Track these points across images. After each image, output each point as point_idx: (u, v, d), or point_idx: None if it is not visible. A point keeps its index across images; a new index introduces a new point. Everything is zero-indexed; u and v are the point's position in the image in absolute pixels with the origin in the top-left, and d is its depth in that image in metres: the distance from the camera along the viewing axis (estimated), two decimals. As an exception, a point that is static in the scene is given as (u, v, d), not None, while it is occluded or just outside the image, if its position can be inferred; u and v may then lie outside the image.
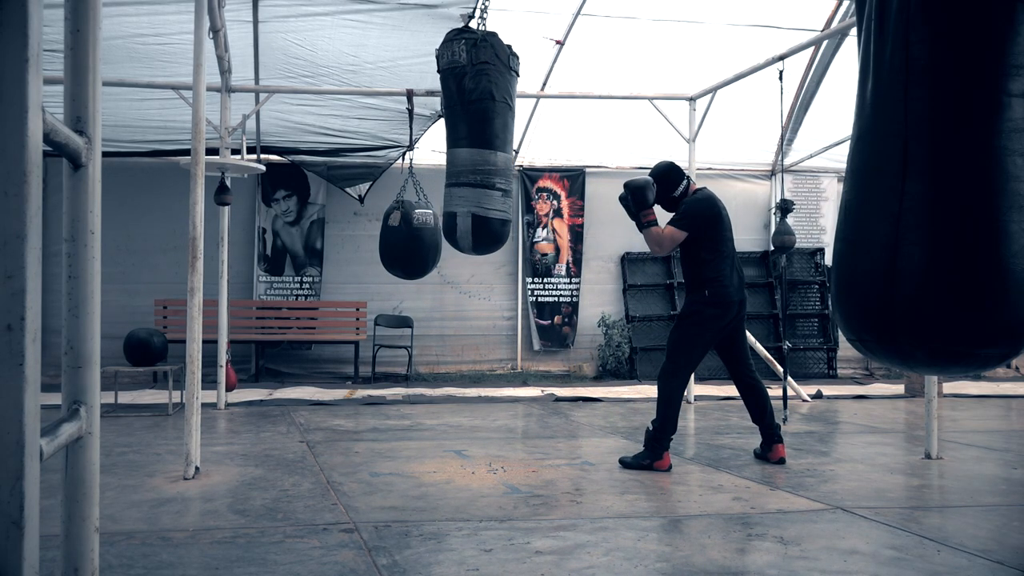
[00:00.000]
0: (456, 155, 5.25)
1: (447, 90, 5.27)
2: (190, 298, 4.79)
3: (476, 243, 5.31)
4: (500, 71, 5.16)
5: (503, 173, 5.26)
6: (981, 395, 9.14)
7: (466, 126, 5.19)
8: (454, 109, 5.24)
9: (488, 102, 5.12)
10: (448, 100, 5.29)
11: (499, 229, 5.31)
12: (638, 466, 5.02)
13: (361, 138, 9.79)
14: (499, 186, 5.22)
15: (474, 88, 5.11)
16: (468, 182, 5.17)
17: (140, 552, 3.33)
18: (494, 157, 5.19)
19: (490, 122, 5.16)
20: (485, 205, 5.19)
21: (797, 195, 11.23)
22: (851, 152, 2.36)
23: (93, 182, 1.34)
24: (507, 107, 5.24)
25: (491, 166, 5.19)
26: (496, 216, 5.25)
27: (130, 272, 9.88)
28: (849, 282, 2.31)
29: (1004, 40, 2.10)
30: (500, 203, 5.25)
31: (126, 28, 7.21)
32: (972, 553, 3.38)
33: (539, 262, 10.84)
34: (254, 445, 5.85)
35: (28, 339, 0.95)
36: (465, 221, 5.20)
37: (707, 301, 5.10)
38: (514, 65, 5.30)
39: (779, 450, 5.26)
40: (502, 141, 5.24)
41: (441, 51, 5.30)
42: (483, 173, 5.17)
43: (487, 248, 5.45)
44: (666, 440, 5.05)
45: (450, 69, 5.20)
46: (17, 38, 0.95)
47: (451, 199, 5.26)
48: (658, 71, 9.24)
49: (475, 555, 3.32)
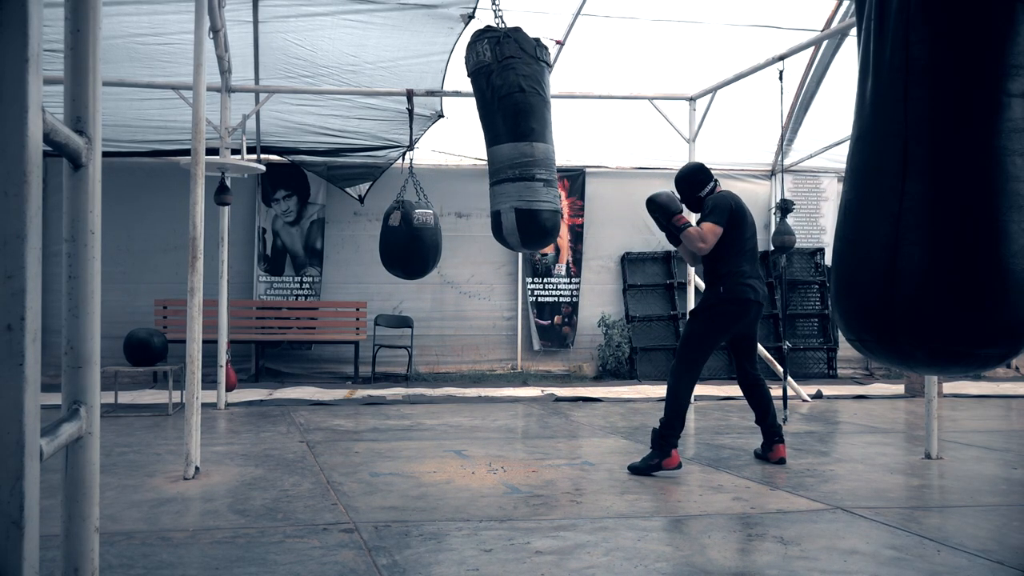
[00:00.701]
0: (494, 153, 5.15)
1: (478, 91, 5.20)
2: (190, 298, 4.79)
3: (525, 238, 5.16)
4: (527, 62, 5.06)
5: (543, 163, 5.09)
6: (981, 395, 9.14)
7: (500, 122, 5.09)
8: (487, 108, 5.16)
9: (517, 95, 5.02)
10: (481, 100, 5.22)
11: (548, 220, 5.12)
12: (648, 468, 4.91)
13: (361, 138, 9.79)
14: (539, 176, 5.06)
15: (502, 84, 5.04)
16: (508, 177, 5.05)
17: (140, 552, 3.33)
18: (530, 148, 5.04)
19: (522, 114, 5.04)
20: (527, 198, 5.04)
21: (797, 195, 11.23)
22: (851, 152, 2.36)
23: (93, 182, 1.34)
24: (539, 97, 5.10)
25: (528, 158, 5.03)
26: (541, 207, 5.07)
27: (130, 272, 9.88)
28: (849, 282, 2.31)
29: (1004, 40, 2.10)
30: (544, 194, 5.07)
31: (126, 28, 7.21)
32: (972, 553, 3.38)
33: (539, 262, 10.84)
34: (254, 445, 5.85)
35: (28, 339, 0.95)
36: (509, 217, 5.07)
37: (723, 298, 5.07)
38: (542, 55, 5.18)
39: (779, 450, 5.24)
40: (538, 132, 5.08)
41: (467, 54, 5.24)
42: (521, 166, 5.03)
43: (538, 242, 5.30)
44: (673, 438, 4.96)
45: (478, 70, 5.15)
46: (17, 38, 0.95)
47: (494, 198, 5.16)
48: (658, 71, 9.24)
49: (475, 555, 3.32)
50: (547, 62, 5.26)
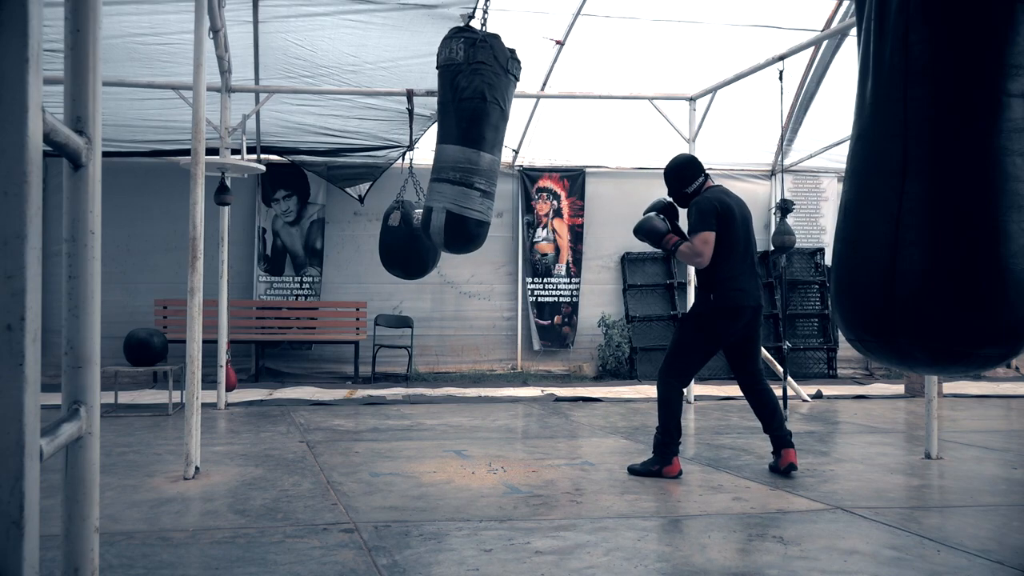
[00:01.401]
0: (443, 151, 5.23)
1: (442, 87, 5.26)
2: (190, 298, 4.79)
3: (448, 240, 5.27)
4: (496, 73, 5.14)
5: (486, 174, 5.20)
6: (981, 395, 9.14)
7: (455, 123, 5.17)
8: (446, 106, 5.23)
9: (479, 102, 5.09)
10: (442, 96, 5.29)
11: (474, 229, 5.24)
12: (647, 472, 4.86)
13: (361, 138, 9.79)
14: (478, 186, 5.16)
15: (467, 87, 5.09)
16: (448, 179, 5.14)
17: (140, 552, 3.33)
18: (478, 157, 5.14)
19: (478, 122, 5.12)
20: (462, 203, 5.15)
21: (797, 195, 11.23)
22: (851, 152, 2.36)
23: (93, 182, 1.34)
24: (499, 109, 5.19)
25: (474, 166, 5.14)
26: (472, 216, 5.19)
27: (130, 272, 9.88)
28: (849, 282, 2.31)
29: (1004, 40, 2.10)
30: (478, 203, 5.19)
31: (126, 28, 7.21)
32: (972, 553, 3.38)
33: (539, 262, 10.84)
34: (254, 445, 5.85)
35: (28, 339, 0.95)
36: (439, 217, 5.17)
37: (713, 306, 4.85)
38: (512, 69, 5.26)
39: (788, 455, 4.91)
40: (489, 143, 5.18)
41: (441, 47, 5.29)
42: (465, 172, 5.13)
43: (460, 247, 5.39)
44: (673, 445, 4.86)
45: (446, 66, 5.20)
46: (17, 38, 0.95)
47: (431, 194, 5.26)
48: (658, 71, 9.24)
49: (475, 555, 3.32)
50: (516, 76, 5.31)
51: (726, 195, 4.99)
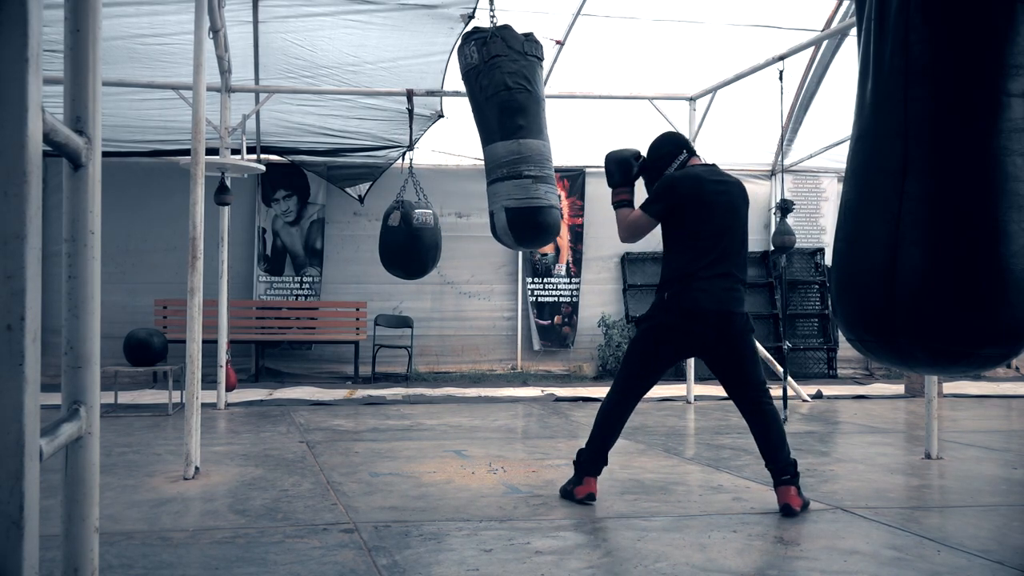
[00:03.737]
0: (489, 152, 5.15)
1: (470, 92, 5.23)
2: (190, 298, 4.79)
3: (518, 236, 5.09)
4: (513, 59, 5.05)
5: (533, 159, 4.98)
6: (981, 395, 9.14)
7: (489, 122, 5.10)
8: (479, 109, 5.18)
9: (503, 93, 5.00)
10: (473, 101, 5.25)
11: (538, 218, 4.99)
12: (564, 493, 4.25)
13: (361, 138, 9.79)
14: (528, 173, 4.93)
15: (489, 83, 5.05)
16: (500, 176, 5.03)
17: (140, 552, 3.33)
18: (518, 146, 4.99)
19: (508, 112, 5.03)
20: (517, 196, 4.97)
21: (797, 195, 11.23)
22: (851, 152, 2.36)
23: (93, 182, 1.34)
24: (527, 93, 5.03)
25: (517, 155, 4.98)
26: (531, 205, 4.95)
27: (130, 272, 9.88)
28: (849, 282, 2.31)
29: (1004, 40, 2.10)
30: (534, 190, 4.95)
31: (126, 28, 7.21)
32: (972, 553, 3.38)
33: (539, 262, 10.84)
34: (254, 445, 5.85)
35: (28, 339, 0.95)
36: (501, 217, 5.04)
37: (665, 306, 4.07)
38: (531, 50, 5.14)
39: (786, 494, 3.97)
40: (527, 128, 5.00)
41: (459, 57, 5.28)
42: (511, 164, 4.99)
43: (533, 240, 5.21)
44: (589, 465, 4.17)
45: (468, 72, 5.18)
46: (17, 38, 0.95)
47: (490, 198, 5.14)
48: (658, 71, 9.23)
49: (475, 555, 3.32)
50: (537, 56, 5.16)
51: (707, 176, 4.18)
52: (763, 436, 4.08)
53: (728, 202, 4.14)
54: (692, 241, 4.07)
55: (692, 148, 4.35)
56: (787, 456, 4.04)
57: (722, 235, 4.08)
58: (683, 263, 4.06)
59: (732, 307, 4.04)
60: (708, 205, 4.08)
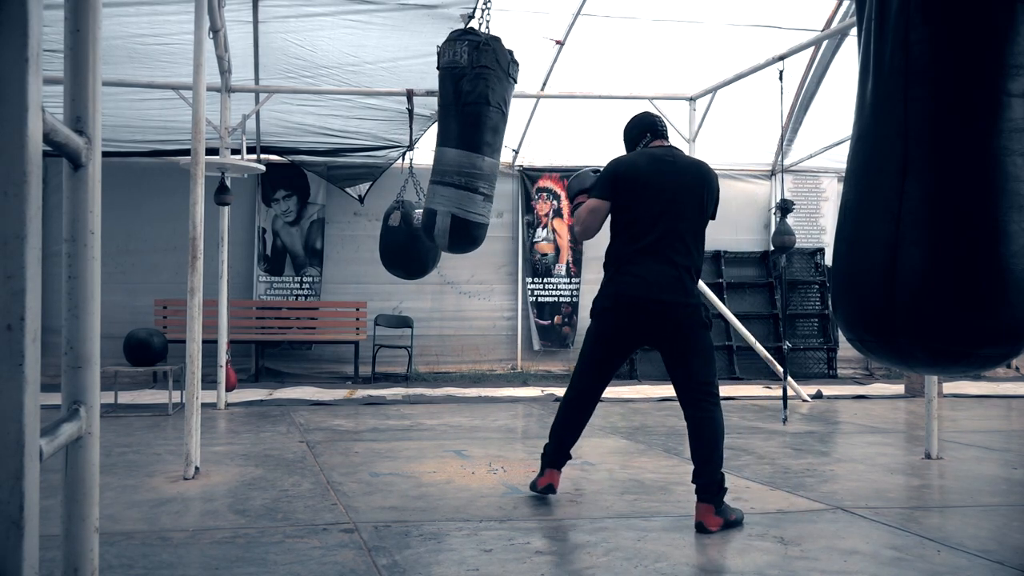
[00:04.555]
0: (444, 154, 5.29)
1: (444, 89, 5.29)
2: (190, 298, 4.79)
3: (452, 243, 5.36)
4: (498, 77, 5.18)
5: (488, 178, 5.29)
6: (981, 395, 9.14)
7: (457, 127, 5.22)
8: (448, 109, 5.27)
9: (483, 106, 5.14)
10: (444, 99, 5.32)
11: (476, 232, 5.36)
12: (531, 486, 4.23)
13: (361, 138, 9.79)
14: (482, 190, 5.25)
15: (471, 91, 5.12)
16: (452, 182, 5.21)
17: (140, 552, 3.33)
18: (481, 161, 5.21)
19: (481, 127, 5.18)
20: (466, 207, 5.22)
21: (797, 195, 11.23)
22: (851, 152, 2.36)
23: (93, 182, 1.34)
24: (500, 114, 5.26)
25: (477, 170, 5.20)
26: (475, 219, 5.30)
27: (130, 272, 9.88)
28: (849, 282, 2.31)
29: (1004, 40, 2.10)
30: (481, 207, 5.29)
31: (126, 28, 7.21)
32: (972, 553, 3.38)
33: (539, 262, 10.84)
34: (254, 445, 5.85)
35: (28, 339, 0.95)
36: (444, 220, 5.24)
37: (601, 293, 3.92)
38: (513, 72, 5.32)
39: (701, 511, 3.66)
40: (491, 147, 5.27)
41: (443, 49, 5.30)
42: (468, 176, 5.19)
43: (462, 248, 5.52)
44: (551, 457, 4.14)
45: (449, 68, 5.22)
46: (17, 38, 0.95)
47: (434, 196, 5.32)
48: (658, 71, 9.23)
49: (475, 555, 3.32)
50: (515, 79, 5.38)
51: (653, 157, 3.98)
52: (694, 441, 3.81)
53: (674, 183, 3.86)
54: (629, 225, 3.87)
55: (659, 130, 4.14)
56: (713, 471, 3.71)
57: (661, 218, 3.81)
58: (617, 247, 3.89)
59: (667, 296, 3.74)
60: (646, 186, 3.86)
